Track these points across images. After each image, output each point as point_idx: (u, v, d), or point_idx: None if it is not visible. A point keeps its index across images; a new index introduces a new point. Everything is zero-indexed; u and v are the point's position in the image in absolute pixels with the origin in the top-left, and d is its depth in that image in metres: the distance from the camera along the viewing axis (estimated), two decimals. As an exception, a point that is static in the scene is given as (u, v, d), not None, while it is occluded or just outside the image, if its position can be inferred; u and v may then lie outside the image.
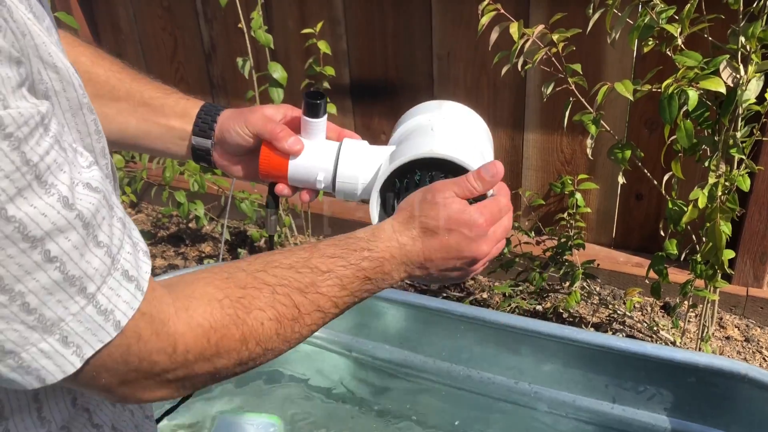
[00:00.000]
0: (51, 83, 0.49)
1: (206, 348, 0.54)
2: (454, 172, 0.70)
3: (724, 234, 1.42)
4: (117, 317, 0.49)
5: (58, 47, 0.51)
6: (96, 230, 0.47)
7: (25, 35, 0.45)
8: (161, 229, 2.56)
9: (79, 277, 0.46)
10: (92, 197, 0.47)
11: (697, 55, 1.33)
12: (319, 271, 0.62)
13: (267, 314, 0.58)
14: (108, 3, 2.46)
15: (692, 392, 1.04)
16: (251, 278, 0.58)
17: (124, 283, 0.49)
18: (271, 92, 1.92)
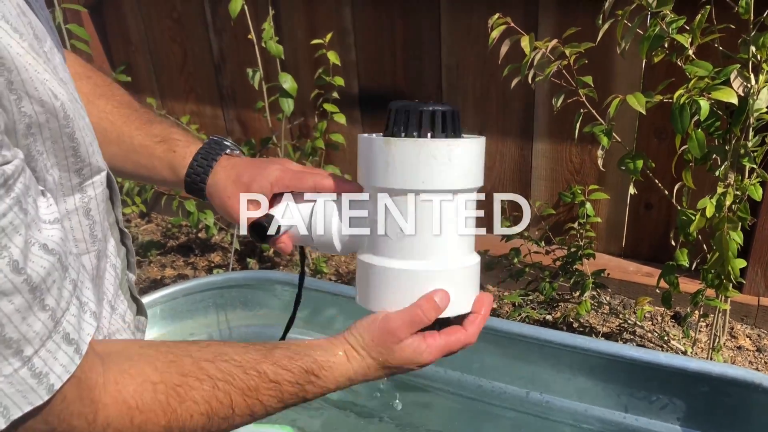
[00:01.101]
0: (36, 116, 0.49)
1: (127, 427, 0.53)
2: None
3: (735, 243, 1.41)
4: (51, 381, 0.47)
5: (52, 72, 0.51)
6: (44, 294, 0.46)
7: (11, 71, 0.46)
8: (171, 239, 2.57)
9: (17, 340, 0.45)
10: (46, 260, 0.46)
11: (708, 65, 1.33)
12: (267, 379, 0.61)
13: (200, 408, 0.56)
14: (119, 15, 2.48)
15: (705, 402, 1.04)
16: (196, 367, 0.57)
17: (63, 346, 0.48)
18: (282, 102, 1.93)
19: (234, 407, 0.59)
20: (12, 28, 0.47)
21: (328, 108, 2.01)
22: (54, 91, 0.51)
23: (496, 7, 1.77)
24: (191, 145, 0.81)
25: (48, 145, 0.52)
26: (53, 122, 0.51)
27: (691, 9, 1.39)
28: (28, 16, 0.50)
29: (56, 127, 0.52)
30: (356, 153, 0.78)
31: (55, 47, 0.56)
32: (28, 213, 0.45)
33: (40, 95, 0.49)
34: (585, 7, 1.74)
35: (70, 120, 0.54)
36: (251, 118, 2.43)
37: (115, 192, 0.71)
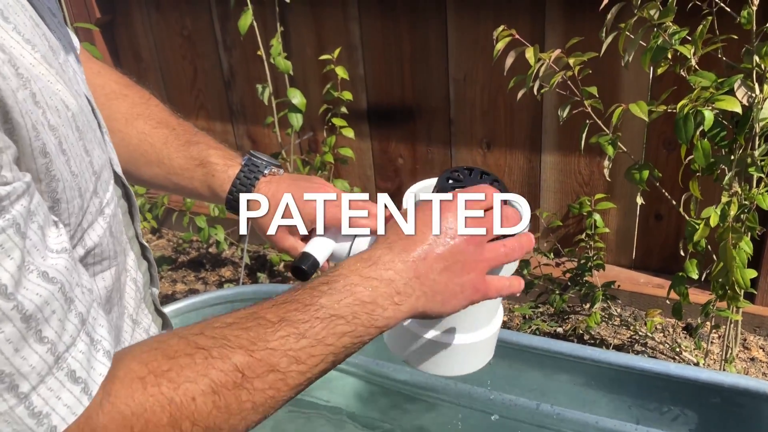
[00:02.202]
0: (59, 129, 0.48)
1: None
2: None
3: (744, 253, 1.41)
4: (53, 422, 0.43)
5: (65, 83, 0.51)
6: (41, 324, 0.43)
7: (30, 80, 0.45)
8: (182, 255, 2.59)
9: (9, 373, 0.41)
10: (44, 288, 0.43)
11: (712, 75, 1.34)
12: (268, 322, 0.51)
13: (199, 386, 0.47)
14: (130, 32, 2.51)
15: (718, 413, 1.03)
16: (183, 344, 0.49)
17: (68, 384, 0.44)
18: (290, 117, 1.95)
19: (241, 369, 0.49)
20: (24, 39, 0.47)
21: (337, 122, 2.02)
22: (66, 101, 0.50)
23: (503, 19, 1.78)
24: (229, 169, 0.80)
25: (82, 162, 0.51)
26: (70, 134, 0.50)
27: (693, 20, 1.39)
28: (42, 28, 0.51)
29: (69, 136, 0.50)
30: (364, 166, 0.79)
31: (70, 61, 0.57)
32: (28, 238, 0.43)
33: (56, 104, 0.48)
34: (592, 19, 1.75)
35: (81, 132, 0.53)
36: (261, 134, 2.45)
37: (134, 206, 0.73)
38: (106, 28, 2.51)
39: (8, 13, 0.46)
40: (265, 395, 0.50)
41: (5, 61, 0.42)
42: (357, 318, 0.53)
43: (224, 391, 0.48)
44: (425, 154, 2.22)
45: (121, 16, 2.50)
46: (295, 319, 0.51)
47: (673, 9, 1.35)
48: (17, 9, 0.48)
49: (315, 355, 0.52)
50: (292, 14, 2.16)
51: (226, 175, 0.80)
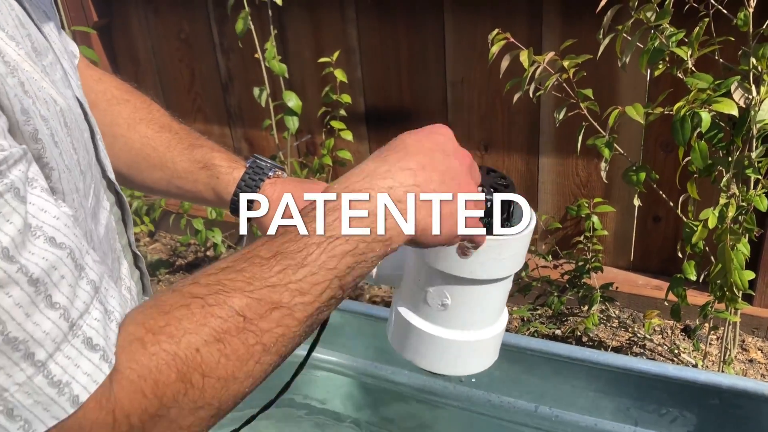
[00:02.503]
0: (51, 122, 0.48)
1: (145, 404, 0.44)
2: None
3: (741, 254, 1.41)
4: (75, 391, 0.42)
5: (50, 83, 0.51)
6: (50, 289, 0.42)
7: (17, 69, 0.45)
8: (179, 258, 2.59)
9: (23, 340, 0.40)
10: (51, 253, 0.42)
11: (708, 77, 1.34)
12: (262, 259, 0.48)
13: (200, 337, 0.45)
14: (127, 35, 2.51)
15: (716, 414, 1.03)
16: (177, 296, 0.47)
17: (85, 352, 0.43)
18: (287, 120, 1.95)
19: (242, 312, 0.47)
20: (8, 35, 0.46)
21: (335, 125, 2.02)
22: (53, 97, 0.50)
23: (500, 22, 1.79)
24: (234, 171, 0.80)
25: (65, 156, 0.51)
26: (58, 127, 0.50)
27: (690, 22, 1.40)
28: (28, 29, 0.51)
29: (58, 130, 0.50)
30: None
31: (63, 65, 0.57)
32: (30, 203, 0.42)
33: (44, 97, 0.48)
34: (589, 21, 1.75)
35: (69, 128, 0.52)
36: (258, 137, 2.45)
37: (127, 213, 0.72)
38: (104, 32, 2.51)
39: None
40: (274, 334, 0.48)
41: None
42: (371, 237, 0.51)
43: (228, 337, 0.46)
44: (423, 157, 2.21)
45: (119, 19, 2.50)
46: (290, 250, 0.49)
47: (669, 11, 1.35)
48: (3, 7, 0.47)
49: (318, 282, 0.49)
50: (290, 17, 2.17)
51: (231, 177, 0.80)
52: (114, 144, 0.80)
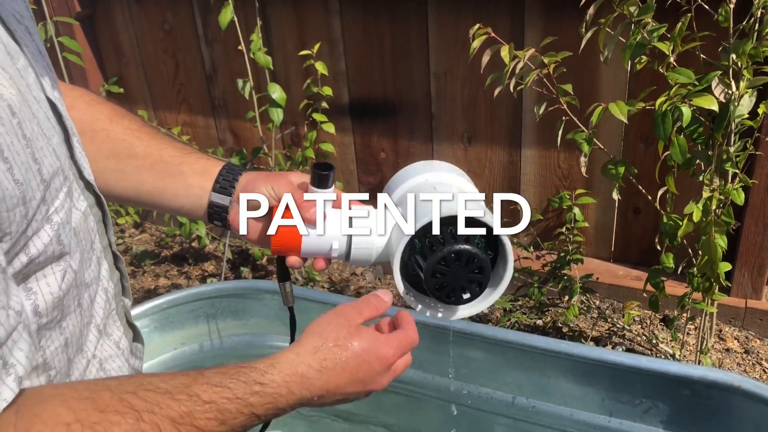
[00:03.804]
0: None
1: None
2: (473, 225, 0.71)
3: (719, 247, 1.43)
4: None
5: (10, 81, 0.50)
6: None
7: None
8: (164, 249, 2.59)
9: None
10: None
11: (690, 72, 1.36)
12: (200, 400, 0.54)
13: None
14: (110, 26, 2.50)
15: (688, 405, 1.05)
16: (116, 400, 0.50)
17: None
18: (271, 112, 1.95)
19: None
20: None
21: (318, 118, 2.03)
22: (13, 107, 0.49)
23: (482, 16, 1.80)
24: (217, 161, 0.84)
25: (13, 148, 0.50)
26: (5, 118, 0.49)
27: (672, 17, 1.41)
28: None
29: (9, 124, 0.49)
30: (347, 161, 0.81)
31: (31, 67, 0.56)
32: None
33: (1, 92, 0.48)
34: (570, 16, 1.76)
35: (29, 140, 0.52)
36: (243, 128, 2.45)
37: (106, 215, 0.72)
38: (87, 23, 2.49)
39: None
40: None
41: None
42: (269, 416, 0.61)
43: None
44: (407, 149, 2.22)
45: (102, 9, 2.48)
46: (223, 408, 0.56)
47: (652, 6, 1.36)
48: None
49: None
50: (274, 9, 2.16)
51: (216, 159, 0.83)
52: (95, 138, 0.80)
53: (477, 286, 0.72)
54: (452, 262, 0.69)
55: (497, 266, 0.76)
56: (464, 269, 0.70)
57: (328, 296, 1.48)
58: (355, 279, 2.33)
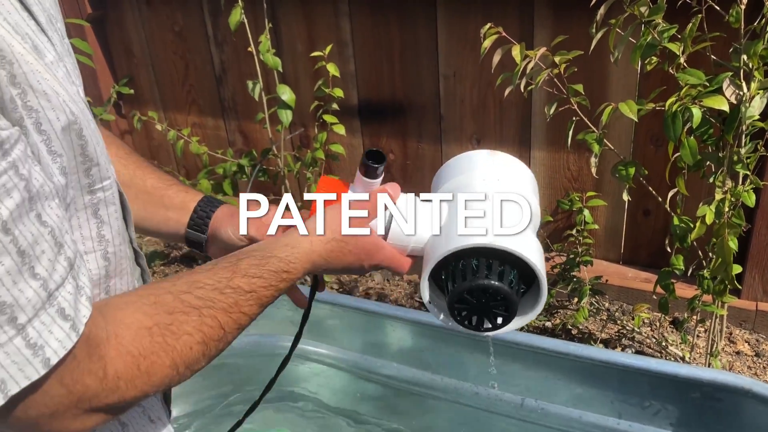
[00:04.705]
0: (44, 111, 0.52)
1: (137, 376, 0.54)
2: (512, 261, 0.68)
3: (731, 249, 1.43)
4: (47, 354, 0.47)
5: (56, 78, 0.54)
6: (33, 261, 0.47)
7: (12, 63, 0.48)
8: (174, 249, 2.60)
9: (9, 304, 0.45)
10: (35, 228, 0.47)
11: (700, 74, 1.35)
12: (243, 291, 0.64)
13: (195, 338, 0.59)
14: (121, 28, 2.51)
15: (697, 407, 1.05)
16: (178, 302, 0.59)
17: (58, 320, 0.48)
18: (280, 114, 1.95)
19: (223, 327, 0.62)
20: (13, 29, 0.50)
21: (328, 119, 2.03)
22: (55, 89, 0.53)
23: (492, 16, 1.79)
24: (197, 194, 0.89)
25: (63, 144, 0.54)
26: (62, 117, 0.53)
27: (682, 18, 1.40)
28: (31, 27, 0.54)
29: (66, 122, 0.54)
30: (355, 162, 0.81)
31: (59, 62, 0.58)
32: (25, 179, 0.47)
33: (44, 89, 0.51)
34: (580, 16, 1.76)
35: (77, 117, 0.56)
36: (252, 129, 2.46)
37: (128, 211, 0.73)
38: (98, 24, 2.51)
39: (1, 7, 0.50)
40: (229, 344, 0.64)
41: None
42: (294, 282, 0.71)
43: (211, 342, 0.61)
44: (416, 150, 2.22)
45: (113, 11, 2.49)
46: (260, 295, 0.66)
47: (662, 6, 1.36)
48: (9, 6, 0.52)
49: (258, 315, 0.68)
50: (283, 11, 2.17)
51: (195, 192, 0.89)
52: None
53: (500, 320, 0.70)
54: (480, 296, 0.68)
55: (528, 293, 0.73)
56: (491, 305, 0.69)
57: (336, 297, 1.48)
58: (364, 280, 2.33)
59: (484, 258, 0.68)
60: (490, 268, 0.68)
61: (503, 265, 0.68)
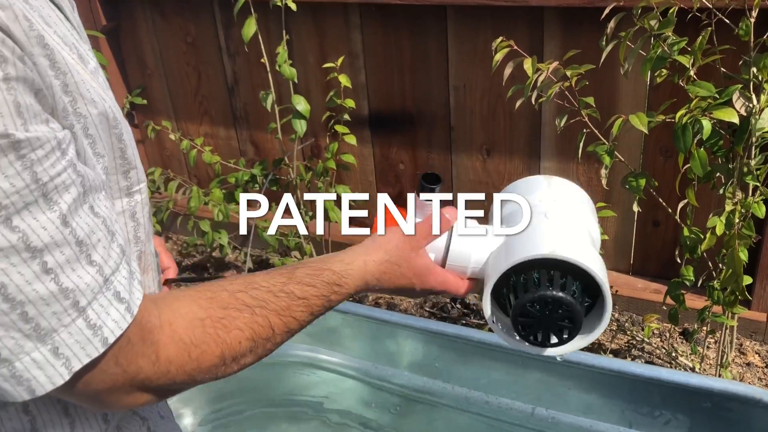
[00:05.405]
0: (91, 117, 0.57)
1: (187, 362, 0.58)
2: (574, 274, 0.68)
3: (741, 260, 1.43)
4: (105, 334, 0.52)
5: (99, 85, 0.60)
6: (89, 249, 0.52)
7: (66, 74, 0.53)
8: (186, 258, 2.62)
9: (72, 289, 0.50)
10: (90, 219, 0.52)
11: (710, 86, 1.36)
12: (295, 296, 0.67)
13: (245, 334, 0.62)
14: (135, 39, 2.54)
15: (708, 417, 1.05)
16: (233, 299, 0.63)
17: (114, 303, 0.53)
18: (294, 124, 1.97)
19: (273, 327, 0.65)
20: (62, 40, 0.55)
21: (339, 129, 2.05)
22: (101, 95, 0.58)
23: (501, 29, 1.81)
24: None
25: (106, 147, 0.60)
26: (104, 122, 0.59)
27: (692, 31, 1.42)
28: (75, 36, 0.60)
29: (107, 128, 0.59)
30: (366, 172, 0.82)
31: (98, 68, 0.64)
32: (81, 175, 0.52)
33: (92, 96, 0.56)
34: (589, 29, 1.77)
35: (118, 122, 0.61)
36: (264, 140, 2.48)
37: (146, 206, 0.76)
38: (112, 35, 2.54)
39: (49, 20, 0.55)
40: (277, 346, 0.67)
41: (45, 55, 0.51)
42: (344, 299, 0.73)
43: (260, 340, 0.64)
44: (426, 160, 2.24)
45: (126, 23, 2.53)
46: (312, 303, 0.69)
47: (673, 20, 1.37)
48: (55, 18, 0.57)
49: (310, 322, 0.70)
50: (295, 22, 2.19)
51: None
52: None
53: (566, 334, 0.69)
54: (543, 307, 0.67)
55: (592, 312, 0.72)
56: (554, 316, 0.68)
57: (347, 306, 1.49)
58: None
59: (546, 270, 0.68)
60: (551, 280, 0.67)
61: (565, 277, 0.68)
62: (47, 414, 0.60)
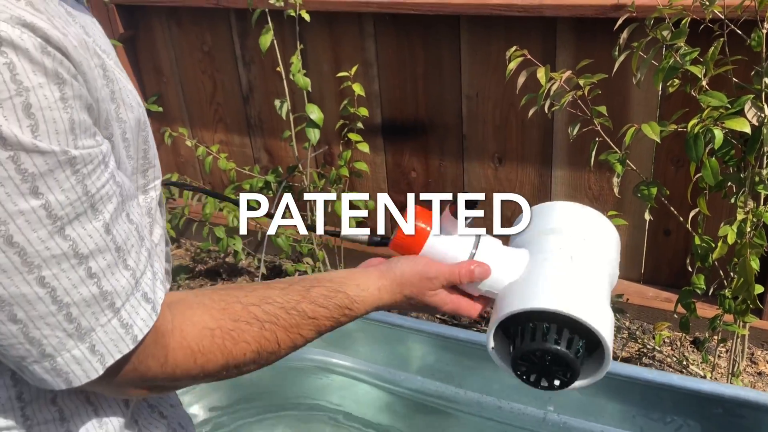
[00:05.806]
0: (129, 122, 0.61)
1: (192, 368, 0.62)
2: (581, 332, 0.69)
3: (753, 269, 1.44)
4: (135, 332, 0.56)
5: (132, 89, 0.64)
6: (125, 255, 0.56)
7: (113, 81, 0.57)
8: (199, 264, 2.64)
9: (110, 292, 0.54)
10: (127, 226, 0.56)
11: (722, 96, 1.37)
12: (306, 316, 0.70)
13: (251, 347, 0.65)
14: (151, 47, 2.58)
15: (719, 423, 1.06)
16: (245, 312, 0.66)
17: (143, 303, 0.57)
18: (308, 132, 2.00)
19: (279, 343, 0.68)
20: (102, 49, 0.59)
21: (353, 137, 2.07)
22: (137, 99, 0.62)
23: (514, 39, 1.83)
24: None
25: (136, 149, 0.64)
26: (137, 126, 0.63)
27: (704, 41, 1.43)
28: (109, 44, 0.64)
29: (137, 131, 0.63)
30: (378, 180, 0.83)
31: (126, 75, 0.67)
32: (120, 185, 0.56)
33: (131, 101, 0.61)
34: (602, 39, 1.79)
35: (146, 125, 0.65)
36: (278, 147, 2.51)
37: (162, 206, 0.78)
38: (128, 43, 2.58)
39: (89, 30, 0.59)
40: (280, 358, 0.70)
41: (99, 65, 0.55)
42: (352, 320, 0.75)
43: (264, 353, 0.67)
44: (438, 168, 2.26)
45: (143, 31, 2.57)
46: (321, 324, 0.71)
47: (685, 30, 1.38)
48: (91, 26, 0.60)
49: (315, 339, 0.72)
50: (309, 31, 2.22)
51: None
52: None
53: (559, 383, 0.71)
54: (544, 357, 0.68)
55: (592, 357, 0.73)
56: (553, 368, 0.69)
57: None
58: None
59: (555, 324, 0.68)
60: (560, 334, 0.68)
61: (573, 334, 0.68)
62: (71, 403, 0.64)
